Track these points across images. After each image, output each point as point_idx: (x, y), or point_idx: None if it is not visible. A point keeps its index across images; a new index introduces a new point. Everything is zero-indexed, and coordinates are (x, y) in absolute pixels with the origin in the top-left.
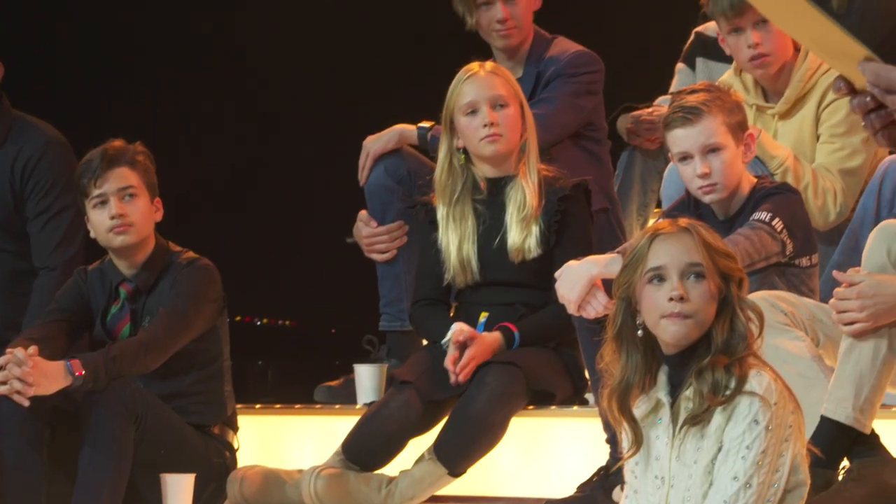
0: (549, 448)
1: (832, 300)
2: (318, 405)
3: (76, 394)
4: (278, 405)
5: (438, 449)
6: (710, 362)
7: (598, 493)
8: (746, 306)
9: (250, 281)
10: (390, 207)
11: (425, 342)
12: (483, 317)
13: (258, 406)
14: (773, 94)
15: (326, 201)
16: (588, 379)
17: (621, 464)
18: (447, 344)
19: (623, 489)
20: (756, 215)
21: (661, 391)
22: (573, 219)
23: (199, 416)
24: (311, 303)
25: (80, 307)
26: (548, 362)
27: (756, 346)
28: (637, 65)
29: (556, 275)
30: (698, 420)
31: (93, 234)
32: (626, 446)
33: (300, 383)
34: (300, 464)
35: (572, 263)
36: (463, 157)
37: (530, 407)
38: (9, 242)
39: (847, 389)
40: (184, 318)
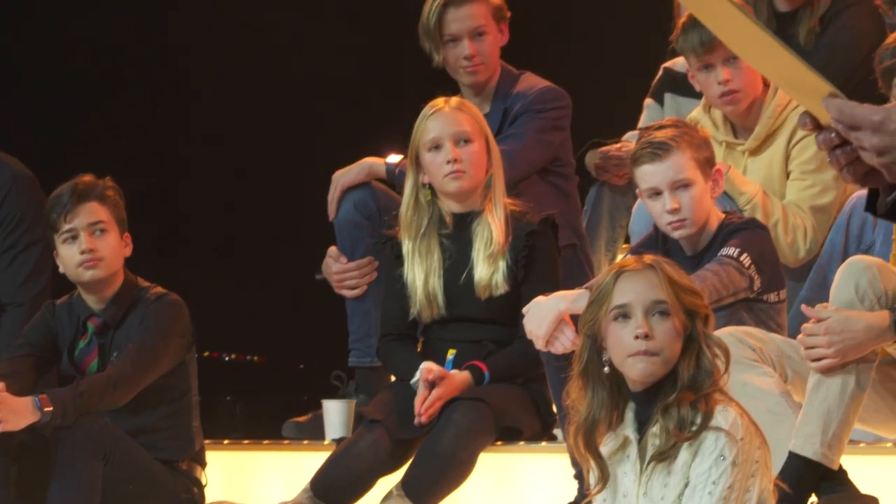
0: (517, 484)
1: (800, 336)
2: (286, 441)
3: (44, 429)
4: (246, 441)
5: (407, 485)
6: (676, 399)
7: None
8: (712, 343)
9: (219, 316)
10: (360, 243)
11: (393, 378)
12: (451, 354)
13: (226, 442)
14: (742, 130)
15: (296, 237)
16: (556, 414)
17: (588, 500)
18: (416, 384)
19: None
20: (724, 251)
21: (628, 428)
22: (541, 254)
23: (168, 451)
24: (280, 338)
25: (48, 342)
26: (516, 398)
27: (722, 382)
28: (605, 100)
29: (524, 310)
30: (665, 456)
31: (62, 269)
32: (593, 483)
33: (268, 419)
34: (268, 500)
35: (540, 299)
36: (429, 193)
37: (498, 443)
38: None
39: (815, 425)
40: (152, 353)
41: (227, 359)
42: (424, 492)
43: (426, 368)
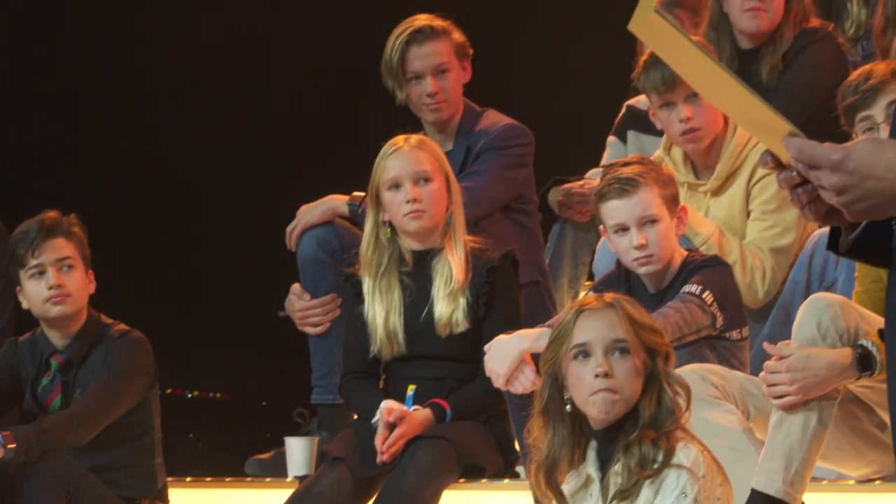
0: None
1: (762, 373)
2: (248, 478)
3: (7, 466)
4: (209, 478)
5: None
6: (637, 436)
7: None
8: (673, 380)
9: (182, 353)
10: (323, 280)
11: (356, 416)
12: (411, 390)
13: (189, 479)
14: (703, 168)
15: (259, 274)
16: (519, 452)
17: None
18: (377, 423)
19: None
20: (687, 288)
21: (590, 466)
22: (501, 290)
23: (130, 488)
24: (243, 375)
25: (11, 379)
26: (478, 436)
27: (684, 419)
28: (568, 137)
29: (486, 348)
30: (627, 494)
31: (26, 305)
32: None
33: (231, 456)
34: None
35: (502, 337)
36: (389, 231)
37: (461, 480)
38: None
39: (777, 462)
40: (116, 390)
41: (190, 396)
42: None
43: (386, 409)
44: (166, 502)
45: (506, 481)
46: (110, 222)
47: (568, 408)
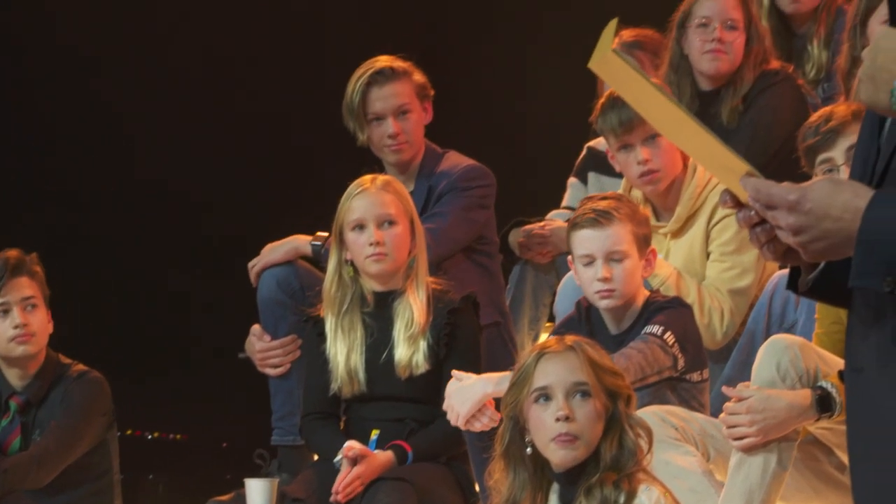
0: None
1: (722, 415)
2: None
3: None
4: None
5: None
6: (599, 479)
7: None
8: (635, 423)
9: (141, 394)
10: (283, 321)
11: (316, 457)
12: (374, 434)
13: None
14: (662, 210)
15: (218, 315)
16: (480, 493)
17: None
18: (339, 463)
19: None
20: (648, 328)
21: None
22: (462, 332)
23: None
24: (203, 416)
25: None
26: (439, 477)
27: (645, 461)
28: (528, 179)
29: (447, 392)
30: None
31: None
32: None
33: (191, 497)
34: None
35: (464, 382)
36: (351, 270)
37: None
38: None
39: None
40: (75, 431)
41: (150, 437)
42: None
43: (348, 446)
44: None
45: None
46: (67, 261)
47: (529, 450)
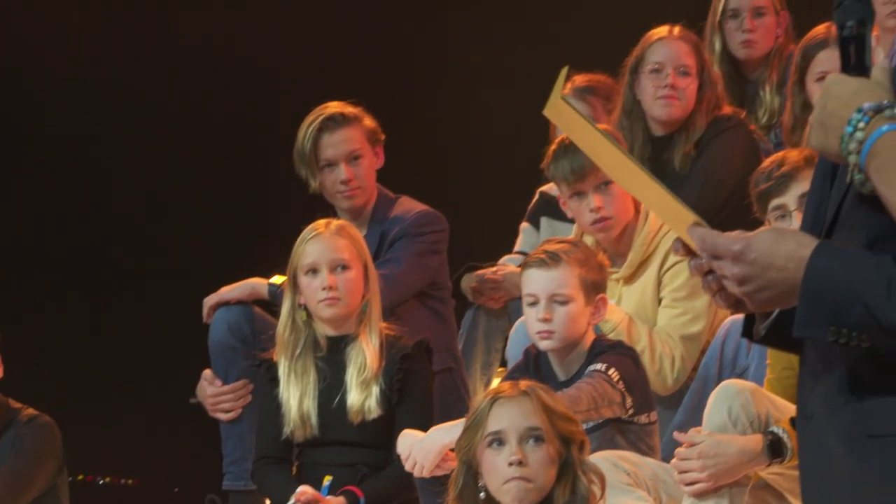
0: None
1: (674, 460)
2: None
3: None
4: None
5: None
6: None
7: None
8: (588, 468)
9: (92, 438)
10: (234, 366)
11: (268, 502)
12: (327, 480)
13: None
14: (615, 256)
15: (169, 359)
16: None
17: None
18: None
19: None
20: (592, 367)
21: None
22: (415, 378)
23: None
24: (154, 461)
25: None
26: None
27: None
28: (481, 224)
29: (404, 446)
30: None
31: None
32: None
33: None
34: None
35: (419, 433)
36: (304, 315)
37: None
38: None
39: None
40: (26, 477)
41: (101, 482)
42: None
43: (300, 491)
44: None
45: None
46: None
47: (482, 495)
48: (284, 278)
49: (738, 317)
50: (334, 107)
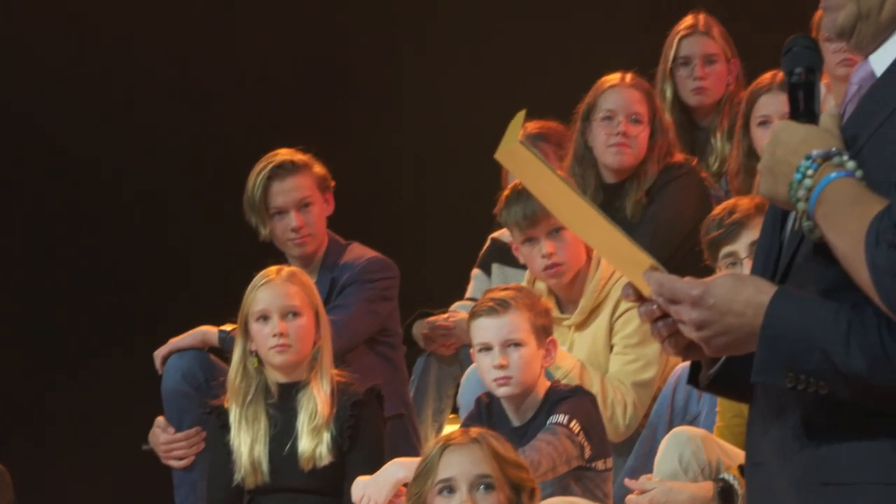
0: None
1: None
2: None
3: None
4: None
5: None
6: None
7: None
8: None
9: (44, 485)
10: (187, 413)
11: None
12: None
13: None
14: (566, 302)
15: (123, 407)
16: None
17: None
18: None
19: None
20: (554, 418)
21: None
22: (366, 424)
23: None
24: None
25: None
26: None
27: None
28: (432, 271)
29: (354, 496)
30: None
31: None
32: None
33: None
34: None
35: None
36: (256, 361)
37: None
38: None
39: None
40: None
41: None
42: None
43: None
44: None
45: None
46: None
47: None
48: (235, 326)
49: (689, 363)
50: (284, 154)
